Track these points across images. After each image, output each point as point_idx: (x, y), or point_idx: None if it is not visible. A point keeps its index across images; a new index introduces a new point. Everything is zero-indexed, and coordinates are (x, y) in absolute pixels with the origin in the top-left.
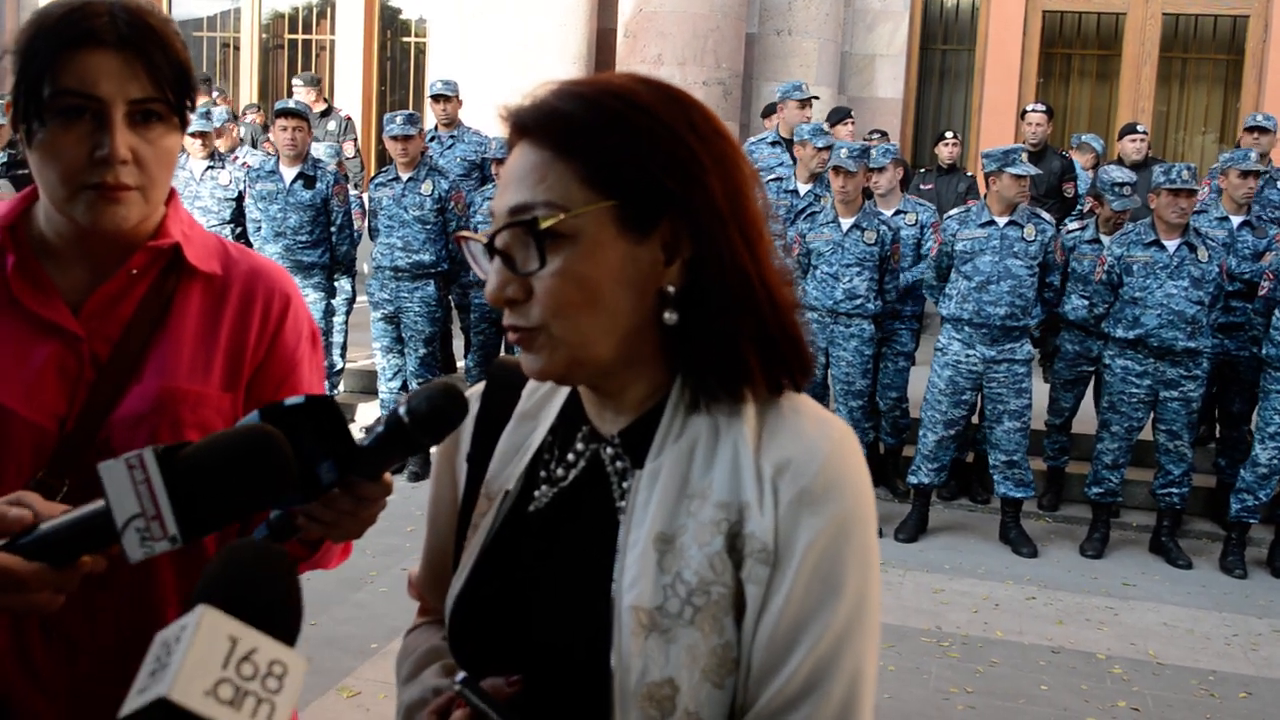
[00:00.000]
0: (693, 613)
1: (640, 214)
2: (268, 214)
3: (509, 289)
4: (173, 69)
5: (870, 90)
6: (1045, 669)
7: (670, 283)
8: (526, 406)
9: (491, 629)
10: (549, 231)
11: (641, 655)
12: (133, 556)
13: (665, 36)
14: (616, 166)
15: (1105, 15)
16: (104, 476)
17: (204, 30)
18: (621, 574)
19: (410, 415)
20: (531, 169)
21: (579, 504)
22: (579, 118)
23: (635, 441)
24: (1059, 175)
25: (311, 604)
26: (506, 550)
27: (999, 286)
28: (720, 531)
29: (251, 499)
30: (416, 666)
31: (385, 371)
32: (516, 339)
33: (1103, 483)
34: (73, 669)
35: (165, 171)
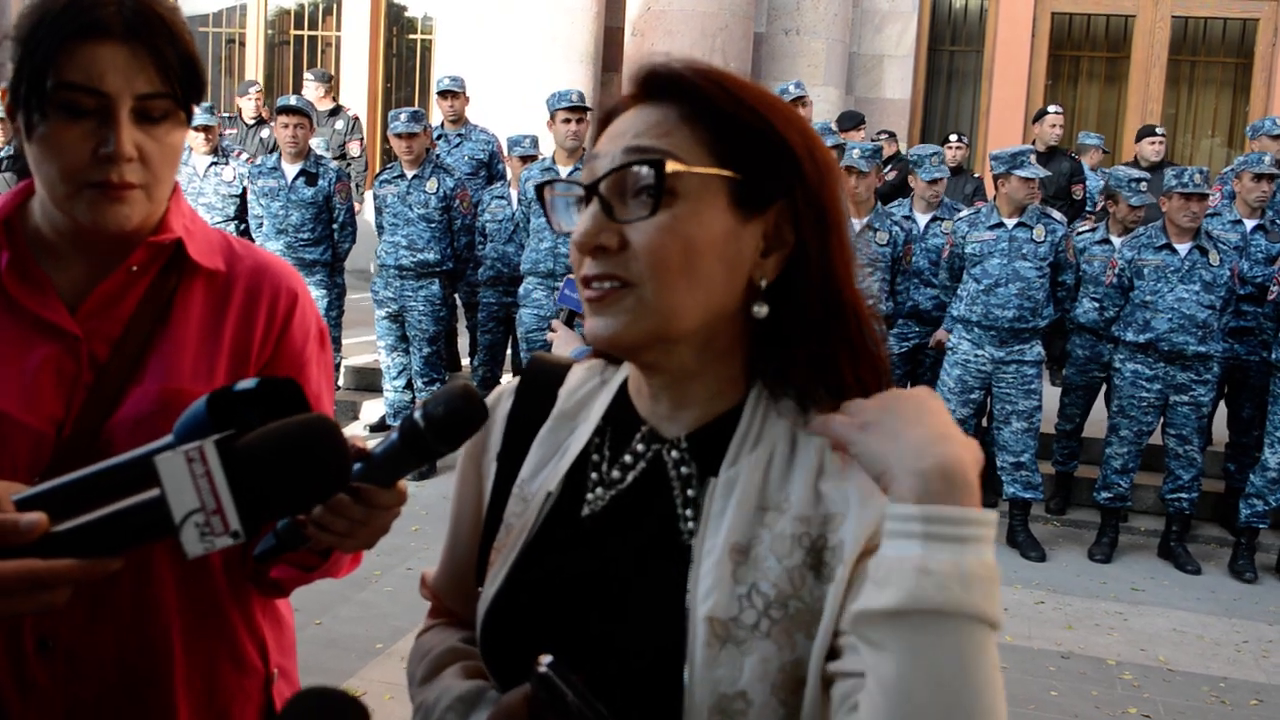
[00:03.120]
0: (769, 625)
1: (753, 195)
2: (269, 211)
3: (604, 235)
4: (181, 62)
5: (878, 91)
6: (1055, 674)
7: (764, 275)
8: (566, 406)
9: (534, 633)
10: (668, 182)
11: (715, 666)
12: (191, 552)
13: (673, 35)
14: (743, 141)
15: (1114, 17)
16: (160, 468)
17: (209, 26)
18: (696, 584)
19: (426, 421)
20: (657, 123)
21: (639, 508)
22: (716, 86)
23: (702, 447)
24: (1068, 177)
25: (315, 604)
26: (552, 554)
27: (1007, 289)
28: (801, 546)
29: (313, 491)
30: (434, 667)
31: (390, 370)
32: (597, 295)
33: (1112, 487)
34: (70, 683)
35: (170, 169)
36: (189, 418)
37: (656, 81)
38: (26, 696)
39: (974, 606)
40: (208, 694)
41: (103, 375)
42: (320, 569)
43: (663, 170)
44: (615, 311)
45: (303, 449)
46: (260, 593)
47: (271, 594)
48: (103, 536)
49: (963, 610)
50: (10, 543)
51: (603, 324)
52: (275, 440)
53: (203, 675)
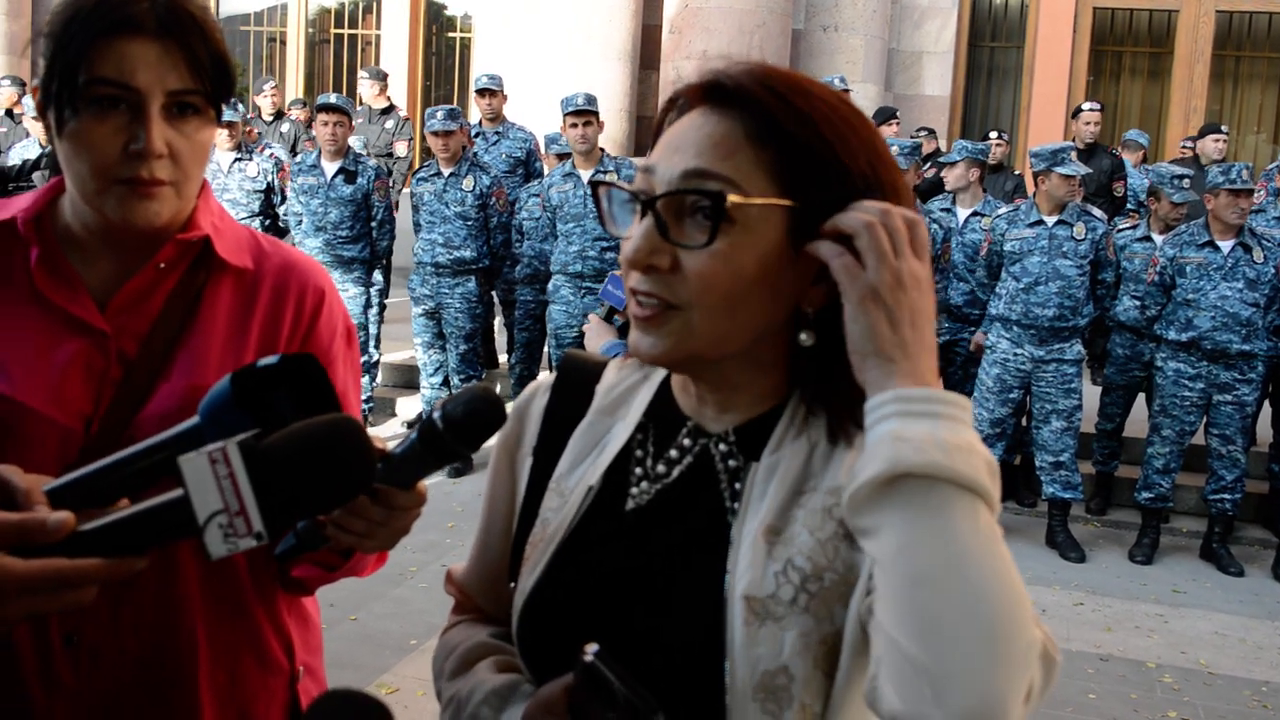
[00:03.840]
0: (807, 599)
1: (811, 223)
2: (309, 208)
3: (656, 255)
4: (212, 60)
5: (917, 88)
6: (1093, 677)
7: (811, 304)
8: (604, 402)
9: (574, 627)
10: (728, 212)
11: (755, 645)
12: (215, 553)
13: (710, 32)
14: (809, 169)
15: (1157, 12)
16: (184, 469)
17: (250, 25)
18: (735, 565)
19: (446, 422)
20: (721, 140)
21: (685, 501)
22: (788, 104)
23: (750, 439)
24: (1109, 174)
25: (351, 599)
26: (594, 548)
27: (1047, 287)
28: (833, 517)
29: (336, 492)
30: (464, 661)
31: (426, 367)
32: (645, 314)
33: (1153, 487)
34: (95, 678)
35: (199, 166)
36: (214, 397)
37: (722, 91)
38: (52, 692)
39: (955, 471)
40: (231, 690)
41: (131, 371)
42: (343, 568)
43: (723, 203)
44: (662, 333)
45: (327, 451)
46: (285, 591)
47: (296, 592)
48: (128, 536)
49: (944, 473)
50: (38, 542)
51: (648, 343)
52: (299, 442)
53: (227, 672)
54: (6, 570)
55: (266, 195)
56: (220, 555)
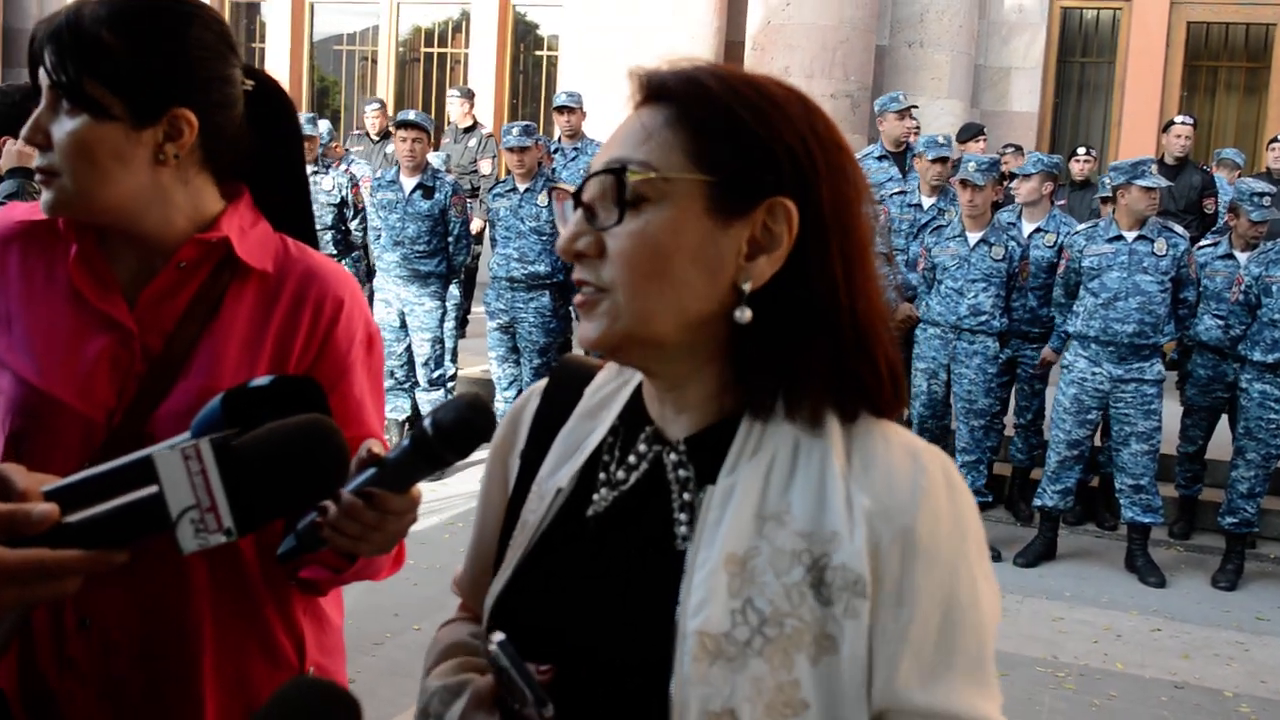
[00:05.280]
0: (763, 643)
1: (732, 198)
2: (387, 222)
3: (581, 241)
4: (82, 55)
5: (1005, 104)
6: (1167, 705)
7: (749, 278)
8: (589, 404)
9: (533, 631)
10: (635, 191)
11: (703, 683)
12: (186, 548)
13: (793, 49)
14: (723, 143)
15: (1254, 26)
16: (159, 465)
17: (343, 45)
18: (688, 595)
19: (435, 429)
20: (639, 129)
21: (639, 511)
22: (701, 87)
23: (702, 450)
24: (1199, 191)
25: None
26: (556, 552)
27: (1127, 303)
28: (801, 563)
29: (307, 493)
30: (439, 659)
31: (500, 381)
32: (581, 300)
33: (1237, 512)
34: (107, 662)
35: (82, 162)
36: (205, 415)
37: (650, 85)
38: (65, 673)
39: None
40: (237, 682)
41: (153, 367)
42: (351, 571)
43: (622, 178)
44: (594, 316)
45: (298, 449)
46: (299, 591)
47: (309, 593)
48: (106, 529)
49: None
50: (23, 533)
51: (586, 328)
52: (270, 441)
53: (233, 665)
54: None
55: (339, 209)
56: (191, 550)
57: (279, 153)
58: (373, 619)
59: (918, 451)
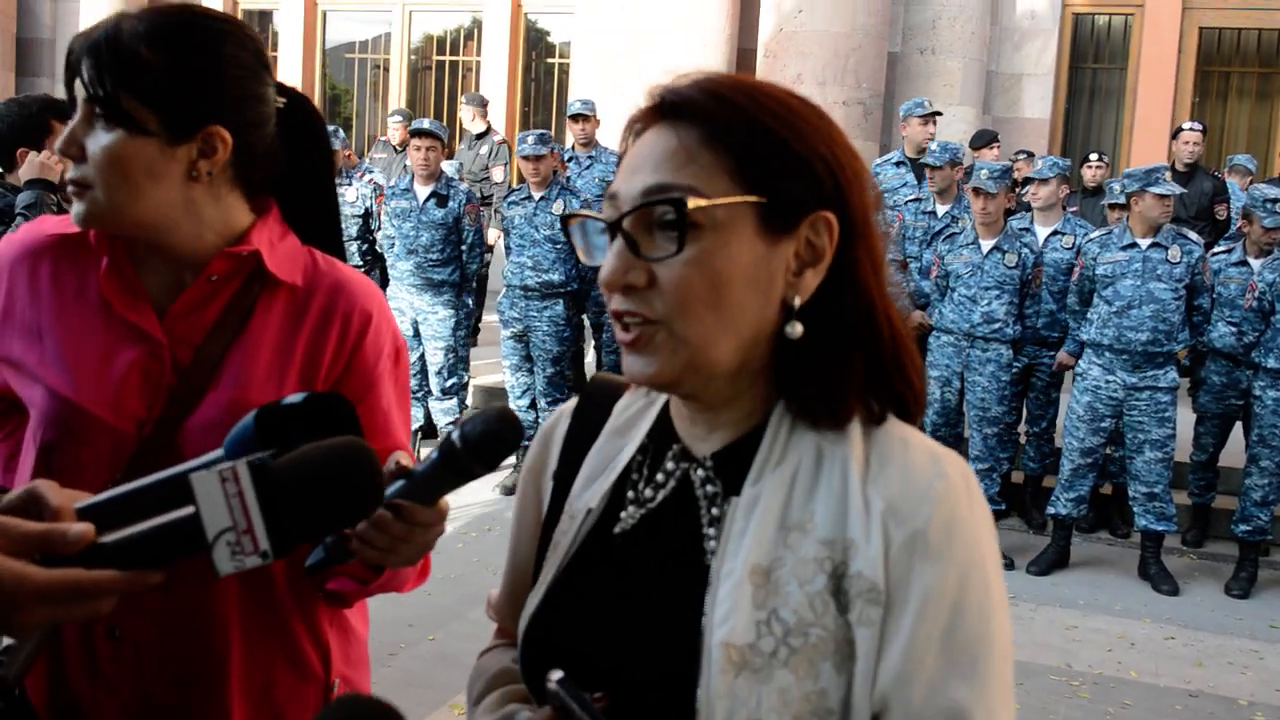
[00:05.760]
0: (788, 654)
1: (781, 216)
2: (401, 231)
3: (631, 274)
4: (121, 71)
5: (1016, 110)
6: (1181, 713)
7: (798, 293)
8: (618, 423)
9: (567, 652)
10: (691, 218)
11: (730, 695)
12: (222, 570)
13: (806, 56)
14: (768, 163)
15: (1266, 31)
16: (195, 487)
17: (355, 53)
18: (713, 607)
19: (463, 441)
20: (676, 151)
21: (666, 528)
22: (737, 105)
23: (729, 465)
24: (1210, 197)
25: (431, 620)
26: (587, 571)
27: (1141, 311)
28: (824, 570)
29: (343, 515)
30: (487, 688)
31: (514, 390)
32: (630, 338)
33: (1251, 520)
34: (138, 672)
35: (117, 177)
36: (238, 432)
37: (669, 107)
38: (94, 682)
39: None
40: (264, 695)
41: (183, 379)
42: (378, 582)
43: (684, 209)
44: (649, 350)
45: (334, 473)
46: (325, 603)
47: (335, 605)
48: (142, 550)
49: None
50: (59, 552)
51: (640, 364)
52: (308, 463)
53: (260, 677)
54: (28, 577)
55: (365, 220)
56: (227, 572)
57: (309, 168)
58: (387, 630)
59: (939, 456)
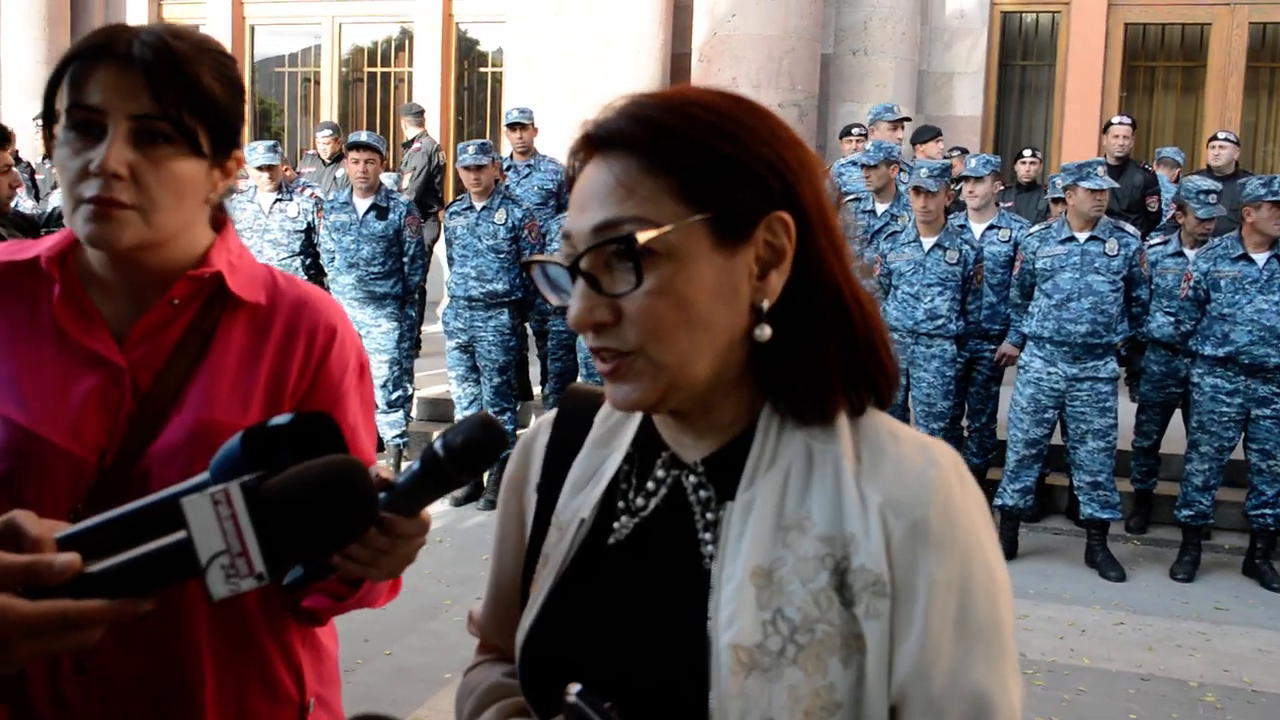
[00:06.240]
0: (796, 651)
1: (733, 227)
2: (341, 245)
3: (597, 312)
4: (185, 91)
5: (949, 108)
6: (1134, 697)
7: (765, 296)
8: (600, 433)
9: (568, 664)
10: (644, 248)
11: (741, 696)
12: (216, 594)
13: (740, 60)
14: (709, 178)
15: (1189, 26)
16: (187, 511)
17: (285, 66)
18: (717, 611)
19: (446, 450)
20: (617, 183)
21: (660, 536)
22: (668, 128)
23: (720, 469)
24: (1142, 189)
25: (386, 634)
26: (583, 582)
27: (1080, 304)
28: (825, 567)
29: (339, 533)
30: (480, 704)
31: (461, 400)
32: (609, 369)
33: (1193, 504)
34: (104, 701)
35: (172, 196)
36: (224, 455)
37: (608, 134)
38: (60, 715)
39: None
40: (239, 718)
41: (144, 404)
42: (353, 598)
43: (634, 244)
44: (630, 378)
45: (328, 493)
46: (297, 621)
47: (308, 623)
48: (132, 577)
49: None
50: (45, 583)
51: (623, 392)
52: (301, 483)
53: (234, 700)
54: (13, 611)
55: (307, 235)
56: (221, 596)
57: None
58: (343, 645)
59: (927, 445)
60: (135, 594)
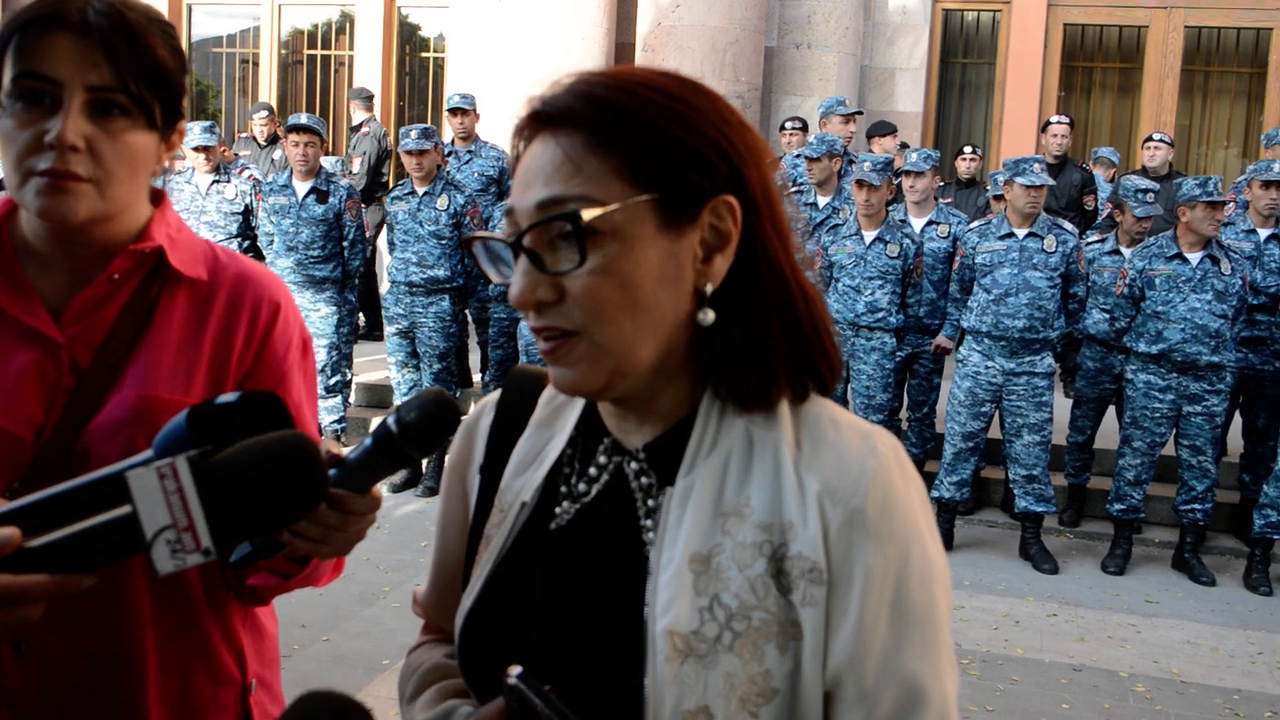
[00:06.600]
0: (732, 638)
1: (679, 208)
2: (280, 228)
3: (540, 290)
4: (142, 64)
5: (890, 104)
6: (1067, 687)
7: (709, 280)
8: (544, 414)
9: (507, 646)
10: (589, 227)
11: (677, 682)
12: (162, 569)
13: (684, 50)
14: (656, 158)
15: (1127, 28)
16: (132, 484)
17: (223, 47)
18: (654, 597)
19: (399, 426)
20: (563, 161)
21: (602, 522)
22: (617, 106)
23: (661, 456)
24: (1079, 188)
25: (323, 620)
26: (523, 566)
27: (1017, 299)
28: (763, 554)
29: (290, 509)
30: (421, 684)
31: (400, 387)
32: (550, 348)
33: (1125, 499)
34: (44, 686)
35: (127, 169)
36: (169, 432)
37: (554, 111)
38: (0, 699)
39: None
40: (181, 702)
41: (83, 381)
42: (299, 577)
43: (579, 222)
44: (572, 361)
45: (278, 467)
46: (240, 601)
47: (251, 602)
48: (75, 552)
49: None
50: None
51: (564, 374)
52: (250, 457)
53: (176, 682)
54: None
55: (245, 216)
56: (167, 571)
57: None
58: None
59: (868, 433)
60: (77, 570)
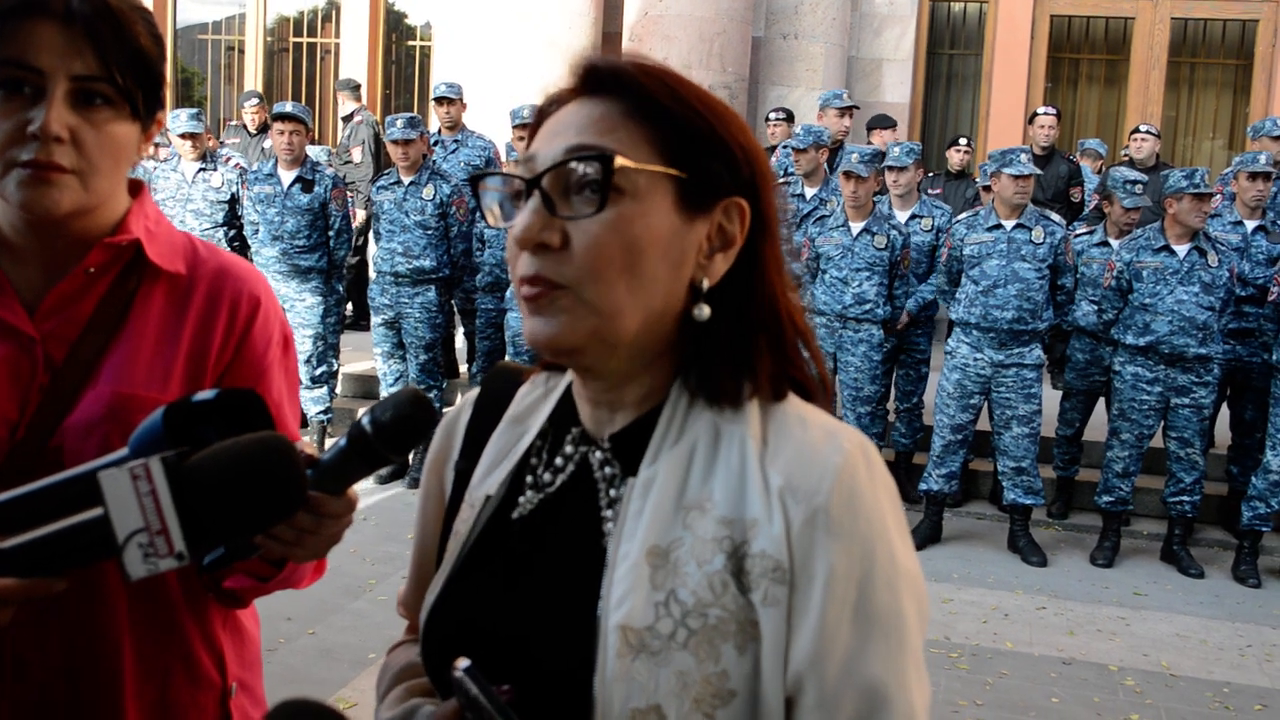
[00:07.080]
0: (687, 635)
1: (699, 194)
2: (265, 217)
3: (546, 232)
4: (126, 53)
5: (877, 95)
6: (1056, 681)
7: (707, 277)
8: (518, 410)
9: (467, 642)
10: (614, 180)
11: (626, 679)
12: (134, 574)
13: (671, 40)
14: (689, 140)
15: (1114, 20)
16: (104, 486)
17: (209, 34)
18: (609, 590)
19: (374, 427)
20: (601, 118)
21: (564, 513)
22: (659, 83)
23: (628, 446)
24: (1066, 180)
25: (309, 613)
26: (486, 559)
27: (1006, 290)
28: (722, 550)
29: (267, 513)
30: (393, 682)
31: (386, 377)
32: (533, 294)
33: (1113, 491)
34: (19, 690)
35: (110, 160)
36: (144, 430)
37: (598, 76)
38: None
39: None
40: (160, 705)
41: (57, 377)
42: (277, 579)
43: (611, 166)
44: (554, 312)
45: (255, 470)
46: (219, 603)
47: (230, 605)
48: (45, 556)
49: None
50: None
51: (541, 325)
52: (226, 459)
53: (155, 686)
54: None
55: (231, 205)
56: (139, 576)
57: None
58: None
59: (835, 431)
60: (48, 573)
